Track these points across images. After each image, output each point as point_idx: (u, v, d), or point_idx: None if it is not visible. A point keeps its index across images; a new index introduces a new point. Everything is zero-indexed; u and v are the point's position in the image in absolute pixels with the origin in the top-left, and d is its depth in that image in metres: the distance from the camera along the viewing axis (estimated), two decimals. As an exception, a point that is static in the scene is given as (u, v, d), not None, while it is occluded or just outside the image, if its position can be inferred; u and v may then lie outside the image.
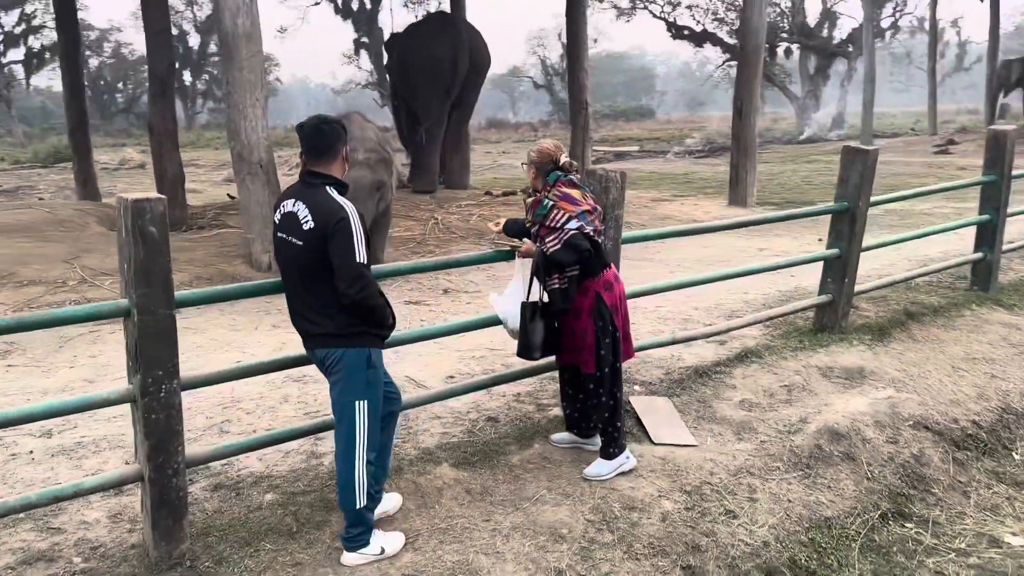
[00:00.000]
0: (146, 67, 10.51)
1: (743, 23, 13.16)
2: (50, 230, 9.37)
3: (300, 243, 3.31)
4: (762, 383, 5.34)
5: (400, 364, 5.68)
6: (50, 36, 44.91)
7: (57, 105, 59.24)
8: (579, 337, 4.12)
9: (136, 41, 52.58)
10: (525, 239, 4.14)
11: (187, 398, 5.07)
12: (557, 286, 3.97)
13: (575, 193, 3.96)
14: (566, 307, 4.02)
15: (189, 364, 6.04)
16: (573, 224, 3.88)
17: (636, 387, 5.30)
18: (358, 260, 3.23)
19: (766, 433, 4.78)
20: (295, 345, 3.75)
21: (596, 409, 4.23)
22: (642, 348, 5.30)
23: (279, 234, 3.41)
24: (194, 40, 47.47)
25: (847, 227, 5.94)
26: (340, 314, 3.32)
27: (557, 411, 4.81)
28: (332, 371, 3.42)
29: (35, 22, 42.14)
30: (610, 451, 4.27)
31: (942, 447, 4.93)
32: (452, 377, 5.50)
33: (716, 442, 4.68)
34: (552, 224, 3.91)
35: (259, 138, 8.51)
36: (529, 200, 4.08)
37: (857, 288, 6.42)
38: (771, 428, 4.83)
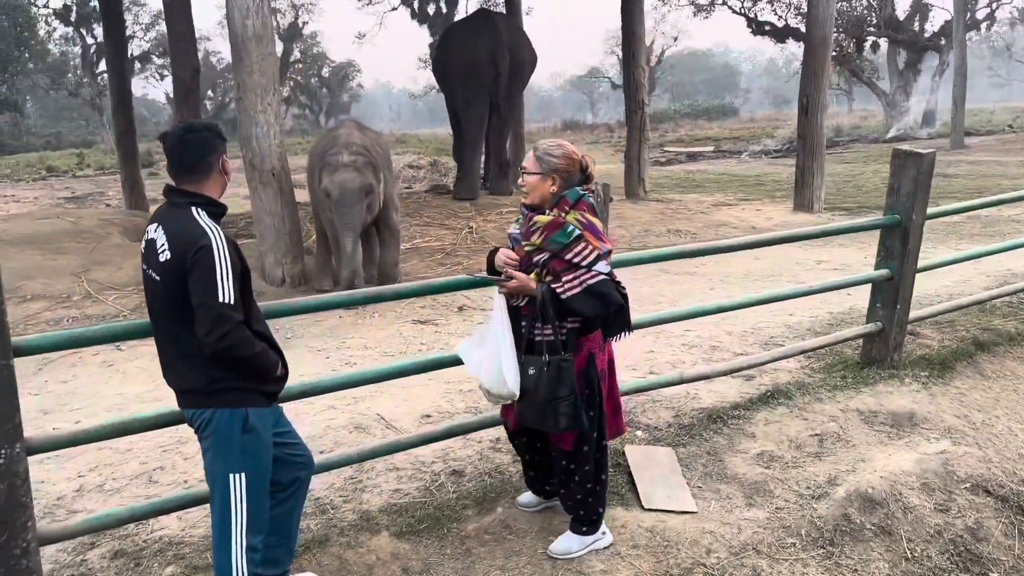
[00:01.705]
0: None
1: (808, 13, 12.11)
2: (67, 241, 9.06)
3: (158, 278, 2.69)
4: (788, 431, 4.50)
5: (377, 399, 5.14)
6: (140, 45, 46.34)
7: (151, 112, 61.19)
8: None
9: (223, 49, 53.63)
10: (510, 268, 3.30)
11: (125, 441, 4.59)
12: (551, 337, 3.20)
13: (598, 223, 3.21)
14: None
15: (160, 391, 5.56)
16: (602, 267, 3.13)
17: (638, 432, 4.57)
18: (221, 299, 2.59)
19: (784, 497, 3.94)
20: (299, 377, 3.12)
21: (567, 490, 3.47)
22: (648, 387, 4.58)
23: (142, 266, 2.80)
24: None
25: (898, 243, 5.02)
26: (208, 366, 2.69)
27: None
28: (202, 436, 2.79)
29: (127, 32, 43.40)
30: (582, 528, 3.51)
31: (1006, 517, 3.99)
32: (429, 416, 4.88)
33: (721, 508, 3.87)
34: (575, 259, 3.11)
35: (271, 145, 8.03)
36: (539, 219, 3.21)
37: (915, 313, 5.47)
38: (791, 491, 3.99)
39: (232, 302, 2.61)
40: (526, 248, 3.23)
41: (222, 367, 2.69)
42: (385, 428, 4.72)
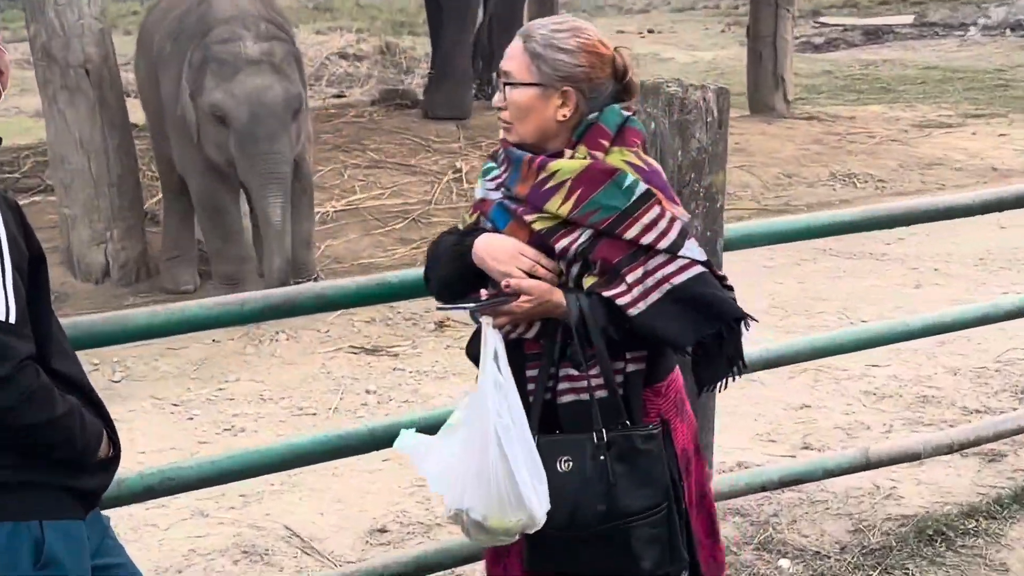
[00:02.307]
0: None
1: None
2: None
3: None
4: (1072, 560, 4.52)
5: (285, 499, 5.25)
6: None
7: None
8: None
9: None
10: (521, 278, 3.16)
11: None
12: (604, 393, 3.10)
13: (661, 171, 3.21)
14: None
15: None
16: (694, 249, 3.08)
17: (783, 562, 4.61)
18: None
19: None
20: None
21: None
22: (802, 478, 4.64)
23: None
24: None
25: None
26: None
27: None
28: (-47, 572, 2.77)
29: None
30: None
31: None
32: (383, 532, 4.95)
33: None
34: (645, 239, 3.04)
35: (85, 19, 8.10)
36: (560, 166, 3.09)
37: None
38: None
39: (13, 319, 2.57)
40: (535, 226, 3.12)
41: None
42: (301, 552, 4.74)
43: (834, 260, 8.41)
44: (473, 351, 3.26)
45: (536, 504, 2.97)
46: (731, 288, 3.18)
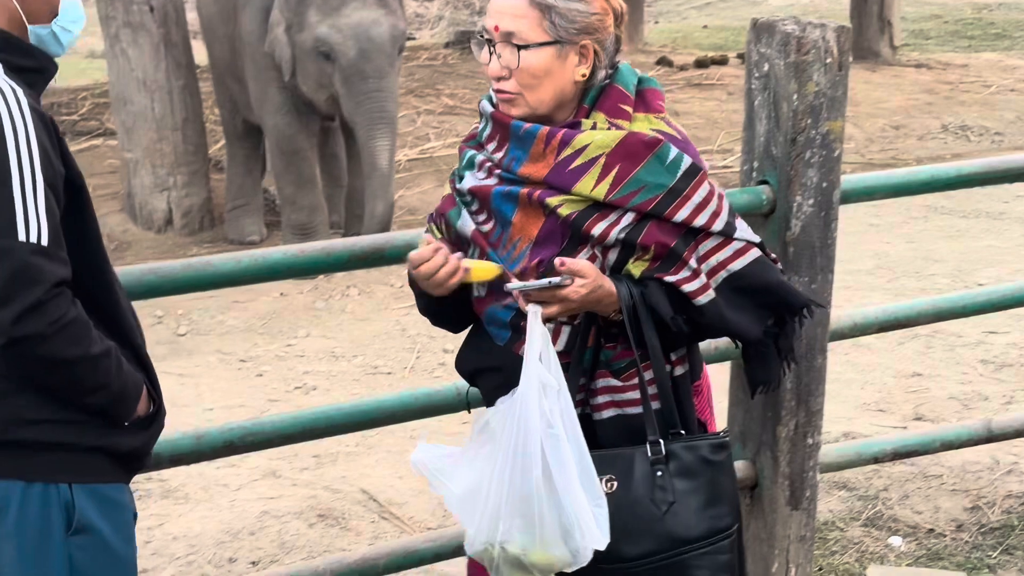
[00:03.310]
0: None
1: None
2: None
3: None
4: None
5: (361, 461, 5.29)
6: None
7: None
8: None
9: None
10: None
11: None
12: (655, 403, 2.94)
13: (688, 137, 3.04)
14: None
15: None
16: (746, 229, 2.97)
17: (893, 539, 4.59)
18: (22, 236, 2.46)
19: None
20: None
21: None
22: (916, 450, 4.52)
23: None
24: None
25: None
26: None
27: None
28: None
29: None
30: None
31: None
32: None
33: None
34: (699, 220, 2.89)
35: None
36: (591, 139, 2.86)
37: None
38: None
39: (46, 241, 2.49)
40: (561, 210, 2.90)
41: (24, 386, 2.56)
42: (379, 518, 4.76)
43: (946, 218, 8.33)
44: (466, 367, 3.12)
45: (594, 532, 2.74)
46: (783, 271, 3.10)
